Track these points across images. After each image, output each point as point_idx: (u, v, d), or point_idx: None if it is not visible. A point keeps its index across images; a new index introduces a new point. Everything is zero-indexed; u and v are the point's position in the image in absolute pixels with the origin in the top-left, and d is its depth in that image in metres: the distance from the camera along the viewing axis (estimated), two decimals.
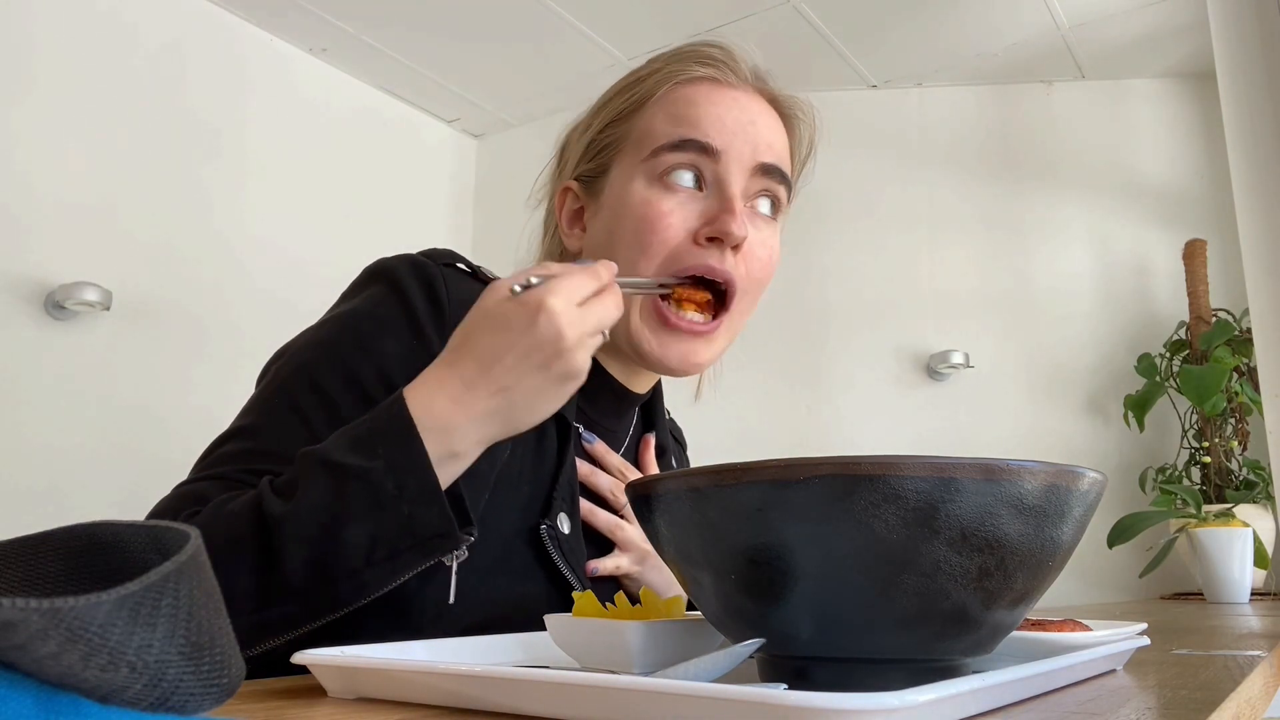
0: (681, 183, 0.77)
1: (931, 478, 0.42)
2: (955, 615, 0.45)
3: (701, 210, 0.77)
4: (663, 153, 0.77)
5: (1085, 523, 0.49)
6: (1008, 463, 0.43)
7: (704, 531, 0.48)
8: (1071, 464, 0.47)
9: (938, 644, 0.46)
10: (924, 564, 0.43)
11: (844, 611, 0.45)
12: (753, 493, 0.45)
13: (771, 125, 0.81)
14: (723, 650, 0.47)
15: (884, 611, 0.45)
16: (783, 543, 0.45)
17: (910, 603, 0.44)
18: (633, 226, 0.77)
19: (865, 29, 2.39)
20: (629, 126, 0.81)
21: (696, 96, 0.78)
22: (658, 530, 0.51)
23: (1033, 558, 0.46)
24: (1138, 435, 2.36)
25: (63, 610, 0.24)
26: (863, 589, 0.44)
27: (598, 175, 0.83)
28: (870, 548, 0.43)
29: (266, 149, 2.31)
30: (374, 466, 0.60)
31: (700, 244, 0.76)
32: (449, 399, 0.62)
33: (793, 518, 0.44)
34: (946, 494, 0.43)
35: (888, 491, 0.42)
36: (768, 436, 2.55)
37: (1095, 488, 0.48)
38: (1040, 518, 0.45)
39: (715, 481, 0.46)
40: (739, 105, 0.79)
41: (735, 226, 0.75)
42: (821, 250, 2.63)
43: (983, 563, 0.44)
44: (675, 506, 0.49)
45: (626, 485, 0.54)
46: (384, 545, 0.60)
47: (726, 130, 0.77)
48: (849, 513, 0.43)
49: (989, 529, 0.43)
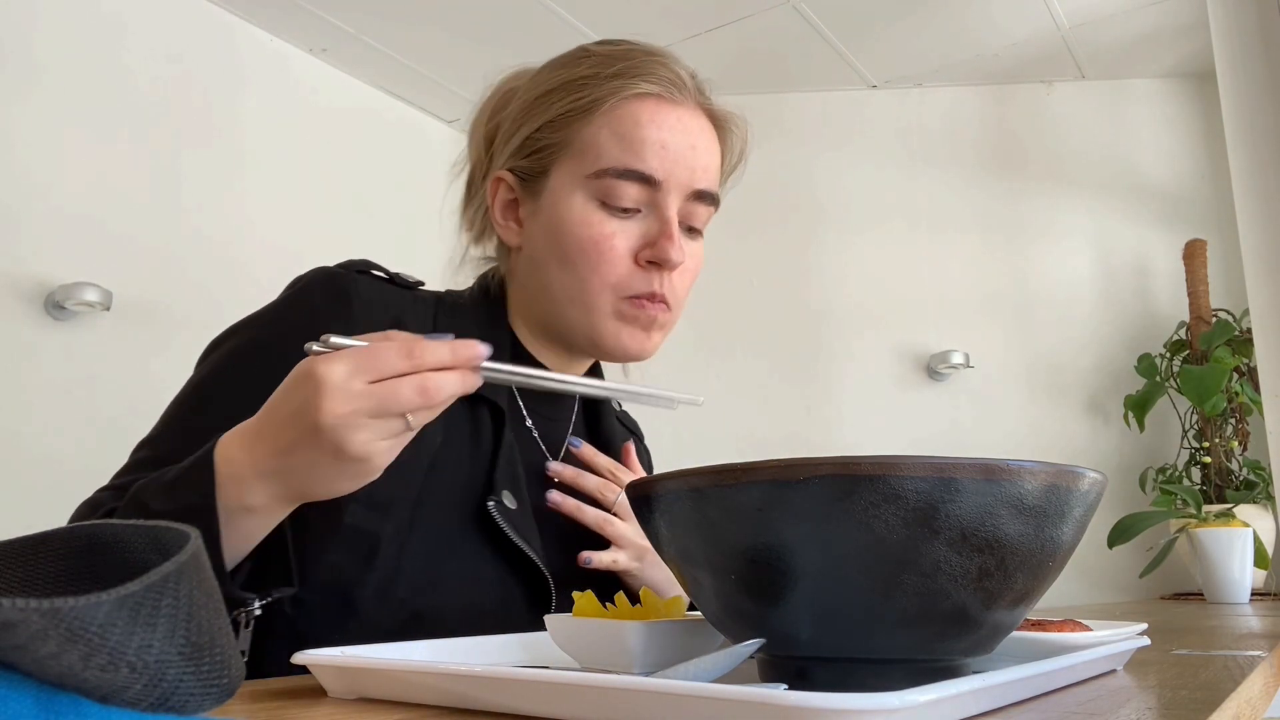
0: (623, 204, 0.81)
1: (931, 478, 0.42)
2: (955, 615, 0.45)
3: (642, 232, 0.82)
4: (608, 177, 0.80)
5: (1085, 523, 0.49)
6: (1008, 463, 0.43)
7: (704, 531, 0.48)
8: (1072, 464, 0.47)
9: (938, 644, 0.46)
10: (924, 564, 0.43)
11: (844, 612, 0.45)
12: (753, 493, 0.45)
13: (709, 146, 0.86)
14: (723, 650, 0.47)
15: (884, 612, 0.45)
16: (783, 543, 0.45)
17: (910, 603, 0.44)
18: (578, 245, 0.81)
19: (865, 29, 2.39)
20: (572, 133, 0.83)
21: (642, 116, 0.82)
22: (658, 530, 0.51)
23: (1033, 558, 0.46)
24: (1138, 435, 2.36)
25: (63, 610, 0.24)
26: (863, 589, 0.44)
27: (536, 175, 0.85)
28: (870, 548, 0.43)
29: (266, 149, 2.31)
30: (167, 510, 0.61)
31: (641, 265, 0.82)
32: (241, 448, 0.62)
33: (793, 518, 0.44)
34: (946, 494, 0.43)
35: (887, 491, 0.42)
36: (768, 437, 2.55)
37: (1095, 488, 0.48)
38: (1040, 518, 0.45)
39: (716, 481, 0.46)
40: (682, 126, 0.83)
41: (674, 253, 0.81)
42: (821, 251, 2.63)
43: (983, 563, 0.44)
44: (675, 506, 0.49)
45: (627, 486, 0.54)
46: None
47: (669, 158, 0.81)
48: (849, 513, 0.43)
49: (989, 529, 0.43)
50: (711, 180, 0.86)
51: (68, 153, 1.96)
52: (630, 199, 0.81)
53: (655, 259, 0.81)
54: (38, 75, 1.93)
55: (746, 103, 2.57)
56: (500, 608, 0.78)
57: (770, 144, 2.68)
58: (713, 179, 0.86)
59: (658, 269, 0.82)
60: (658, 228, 0.82)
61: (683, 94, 0.85)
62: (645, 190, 0.81)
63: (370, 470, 0.61)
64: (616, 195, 0.81)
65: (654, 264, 0.82)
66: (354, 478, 0.61)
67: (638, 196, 0.81)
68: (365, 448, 0.58)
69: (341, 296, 0.79)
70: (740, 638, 0.49)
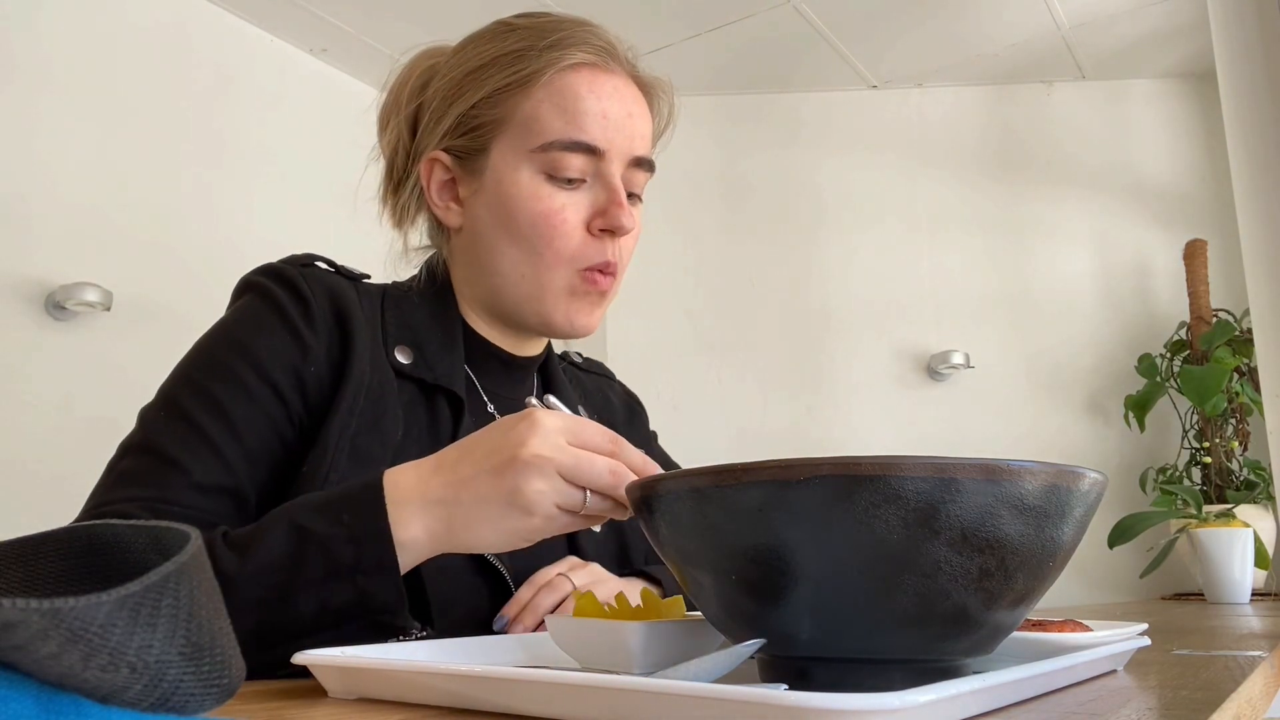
0: (569, 175, 0.81)
1: (932, 478, 0.42)
2: (956, 616, 0.45)
3: (590, 202, 0.83)
4: (554, 150, 0.80)
5: (1085, 523, 0.49)
6: (1009, 463, 0.43)
7: (704, 532, 0.48)
8: (1072, 464, 0.47)
9: (939, 644, 0.46)
10: (924, 564, 0.43)
11: (844, 612, 0.45)
12: (753, 493, 0.45)
13: (642, 114, 0.86)
14: (723, 650, 0.47)
15: (885, 612, 0.45)
16: (783, 543, 0.45)
17: (911, 603, 0.44)
18: (528, 220, 0.81)
19: (865, 29, 2.39)
20: (510, 108, 0.82)
21: (580, 87, 0.82)
22: (658, 530, 0.51)
23: (1033, 558, 0.46)
24: (1138, 435, 2.36)
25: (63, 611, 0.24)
26: (863, 589, 0.44)
27: (474, 153, 0.84)
28: (871, 548, 0.43)
29: (266, 149, 2.31)
30: (334, 533, 0.61)
31: (594, 235, 0.82)
32: (416, 477, 0.63)
33: (793, 518, 0.44)
34: (947, 494, 0.43)
35: (888, 492, 0.42)
36: (769, 437, 2.55)
37: (1096, 488, 0.48)
38: (1041, 518, 0.45)
39: (716, 482, 0.46)
40: (619, 96, 0.84)
41: (626, 219, 0.82)
42: (822, 251, 2.63)
43: (983, 563, 0.44)
44: (676, 507, 0.49)
45: (628, 486, 0.54)
46: (331, 614, 0.61)
47: (610, 127, 0.82)
48: (849, 513, 0.43)
49: (989, 529, 0.43)
50: (647, 146, 0.87)
51: (68, 153, 1.96)
52: (576, 170, 0.81)
53: (608, 226, 0.82)
54: (37, 76, 1.93)
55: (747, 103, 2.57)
56: (468, 597, 0.78)
57: (770, 144, 2.69)
58: (649, 145, 0.87)
59: (610, 236, 0.83)
60: (606, 196, 0.82)
61: (615, 62, 0.85)
62: (590, 161, 0.82)
63: (527, 530, 0.62)
64: (562, 167, 0.81)
65: (606, 232, 0.82)
66: (509, 532, 0.62)
67: (583, 167, 0.82)
68: (538, 499, 0.60)
69: (292, 289, 0.79)
70: (740, 638, 0.49)
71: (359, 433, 0.76)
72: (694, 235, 2.67)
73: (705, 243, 2.66)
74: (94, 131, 2.01)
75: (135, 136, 2.07)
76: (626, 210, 0.82)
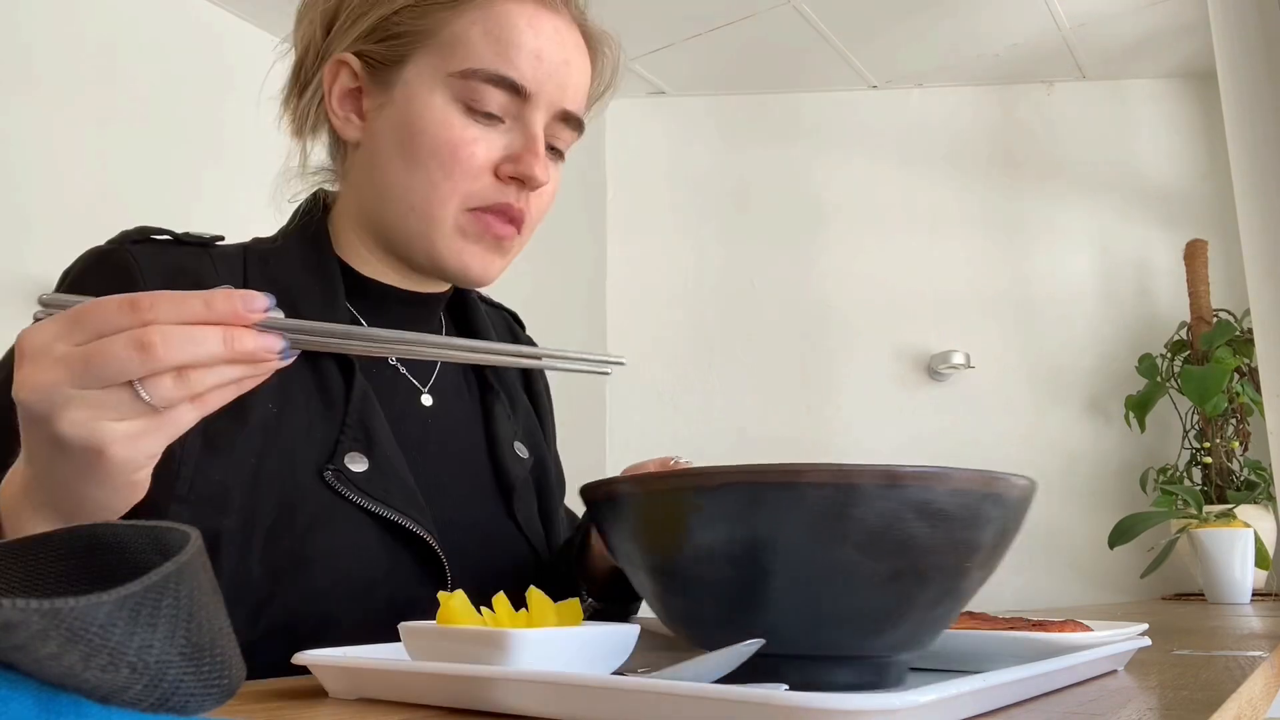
0: (487, 109, 0.74)
1: (834, 484, 0.44)
2: (873, 614, 0.47)
3: (505, 144, 0.75)
4: (475, 80, 0.73)
5: (1010, 525, 0.50)
6: (912, 469, 0.45)
7: (636, 536, 0.51)
8: (991, 470, 0.48)
9: (863, 641, 0.48)
10: (835, 567, 0.45)
11: (765, 611, 0.47)
12: (673, 500, 0.47)
13: (581, 66, 0.79)
14: (723, 650, 0.47)
15: (803, 611, 0.47)
16: (705, 546, 0.47)
17: (827, 603, 0.46)
18: (431, 146, 0.73)
19: (865, 29, 2.39)
20: (437, 23, 0.74)
21: (519, 19, 0.74)
22: (605, 534, 0.54)
23: (948, 560, 0.47)
24: (1139, 436, 2.36)
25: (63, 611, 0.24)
26: (780, 591, 0.46)
27: (388, 63, 0.76)
28: (785, 552, 0.46)
29: (266, 149, 2.31)
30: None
31: (501, 179, 0.75)
32: (19, 479, 0.51)
33: (710, 523, 0.47)
34: (849, 500, 0.44)
35: (795, 498, 0.44)
36: (769, 437, 2.55)
37: (1015, 492, 0.49)
38: (950, 521, 0.46)
39: (643, 488, 0.49)
40: (558, 38, 0.76)
41: (539, 170, 0.75)
42: (822, 251, 2.63)
43: (895, 565, 0.46)
44: (611, 512, 0.51)
45: (584, 488, 0.55)
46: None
47: (543, 70, 0.75)
48: (760, 519, 0.45)
49: (896, 533, 0.45)
50: (580, 102, 0.79)
51: (67, 153, 1.96)
52: (496, 105, 0.74)
53: (518, 175, 0.75)
54: (37, 76, 1.93)
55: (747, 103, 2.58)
56: (387, 580, 0.70)
57: (770, 144, 2.69)
58: (581, 101, 0.79)
59: (518, 185, 0.75)
60: (522, 142, 0.75)
61: (563, 2, 0.78)
62: (513, 100, 0.74)
63: (116, 468, 0.46)
64: (482, 99, 0.73)
65: (515, 180, 0.75)
66: (104, 483, 0.47)
67: (504, 105, 0.74)
68: (83, 431, 0.45)
69: (121, 274, 0.69)
70: (684, 637, 0.51)
71: (214, 419, 0.54)
72: (694, 235, 2.67)
73: (705, 243, 2.66)
74: (93, 131, 2.01)
75: (135, 136, 2.07)
76: (541, 161, 0.75)
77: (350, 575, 0.69)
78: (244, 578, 0.66)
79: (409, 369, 0.82)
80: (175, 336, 0.45)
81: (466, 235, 0.76)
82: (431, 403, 0.82)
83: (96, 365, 0.44)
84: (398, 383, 0.80)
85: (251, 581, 0.66)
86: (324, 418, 0.72)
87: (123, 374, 0.45)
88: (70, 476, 0.47)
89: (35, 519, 0.49)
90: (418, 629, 0.51)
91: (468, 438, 0.84)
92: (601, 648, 0.50)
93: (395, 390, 0.80)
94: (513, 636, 0.45)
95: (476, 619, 0.51)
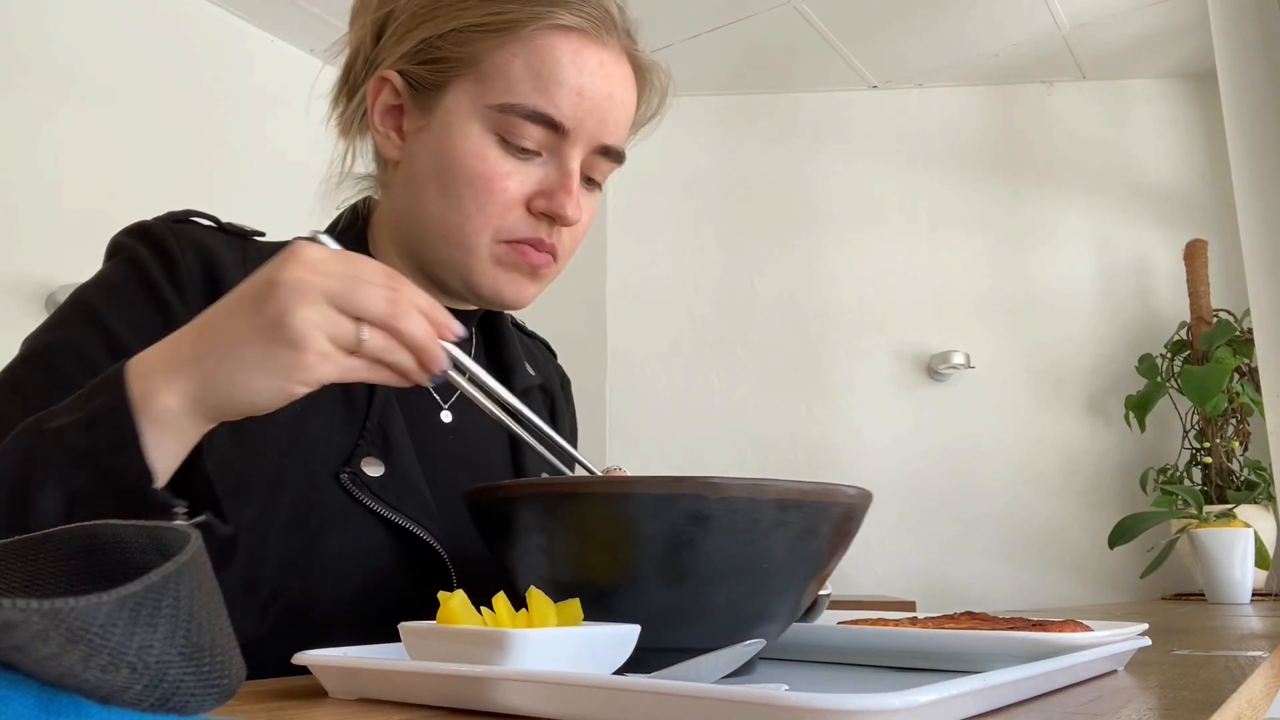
0: (523, 144, 0.74)
1: (613, 494, 0.53)
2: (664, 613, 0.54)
3: (539, 178, 0.75)
4: (513, 114, 0.73)
5: (807, 531, 0.54)
6: (692, 479, 0.51)
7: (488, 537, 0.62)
8: (773, 479, 0.53)
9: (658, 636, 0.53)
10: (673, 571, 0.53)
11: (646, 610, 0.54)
12: (504, 506, 0.58)
13: (626, 98, 0.78)
14: (723, 650, 0.47)
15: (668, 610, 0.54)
16: (531, 545, 0.57)
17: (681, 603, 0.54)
18: (466, 178, 0.74)
19: (865, 29, 2.39)
20: (479, 52, 0.74)
21: (563, 54, 0.74)
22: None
23: (734, 564, 0.53)
24: (1139, 436, 2.36)
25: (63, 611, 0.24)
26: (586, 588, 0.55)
27: (430, 88, 0.76)
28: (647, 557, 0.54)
29: (267, 149, 2.31)
30: (71, 421, 0.54)
31: (532, 213, 0.75)
32: (170, 342, 0.56)
33: (526, 527, 0.56)
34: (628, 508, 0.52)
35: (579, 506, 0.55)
36: (769, 437, 2.55)
37: (800, 498, 0.53)
38: (730, 530, 0.52)
39: (481, 497, 0.62)
40: (603, 73, 0.75)
41: (571, 210, 0.75)
42: (822, 251, 2.63)
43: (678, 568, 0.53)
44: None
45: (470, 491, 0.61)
46: (83, 508, 0.53)
47: (583, 106, 0.74)
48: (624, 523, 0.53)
49: (687, 538, 0.52)
50: (621, 135, 0.79)
51: (68, 153, 1.96)
52: (532, 140, 0.73)
53: (549, 212, 0.74)
54: (38, 76, 1.93)
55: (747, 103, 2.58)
56: (394, 586, 0.71)
57: (770, 144, 2.69)
58: (622, 134, 0.79)
59: (549, 221, 0.75)
60: (556, 179, 0.75)
61: (609, 34, 0.77)
62: (551, 135, 0.74)
63: (300, 369, 0.53)
64: (519, 133, 0.73)
65: (546, 215, 0.75)
66: (279, 373, 0.53)
67: (541, 139, 0.74)
68: (305, 328, 0.52)
69: (163, 248, 0.72)
70: None
71: None
72: (694, 235, 2.67)
73: (705, 243, 2.67)
74: (94, 131, 2.01)
75: (135, 136, 2.07)
76: (574, 200, 0.75)
77: (357, 578, 0.70)
78: (257, 571, 0.67)
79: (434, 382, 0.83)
80: (411, 310, 0.56)
81: (502, 264, 0.76)
82: (451, 419, 0.83)
83: (355, 293, 0.54)
84: (419, 397, 0.81)
85: (264, 575, 0.67)
86: (345, 421, 0.73)
87: (367, 311, 0.54)
88: (251, 361, 0.53)
89: (172, 382, 0.54)
90: (418, 629, 0.51)
91: (488, 459, 0.85)
92: (601, 648, 0.50)
93: (415, 404, 0.80)
94: (513, 636, 0.45)
95: (476, 619, 0.51)
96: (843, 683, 0.56)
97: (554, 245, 0.77)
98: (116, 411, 0.53)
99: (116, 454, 0.53)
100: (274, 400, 0.55)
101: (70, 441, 0.54)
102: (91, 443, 0.53)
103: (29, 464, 0.54)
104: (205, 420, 0.56)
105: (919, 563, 2.45)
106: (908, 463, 2.50)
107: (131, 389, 0.54)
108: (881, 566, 2.46)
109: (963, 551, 2.43)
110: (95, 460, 0.53)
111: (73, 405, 0.56)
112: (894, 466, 2.50)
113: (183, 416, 0.55)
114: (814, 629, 0.66)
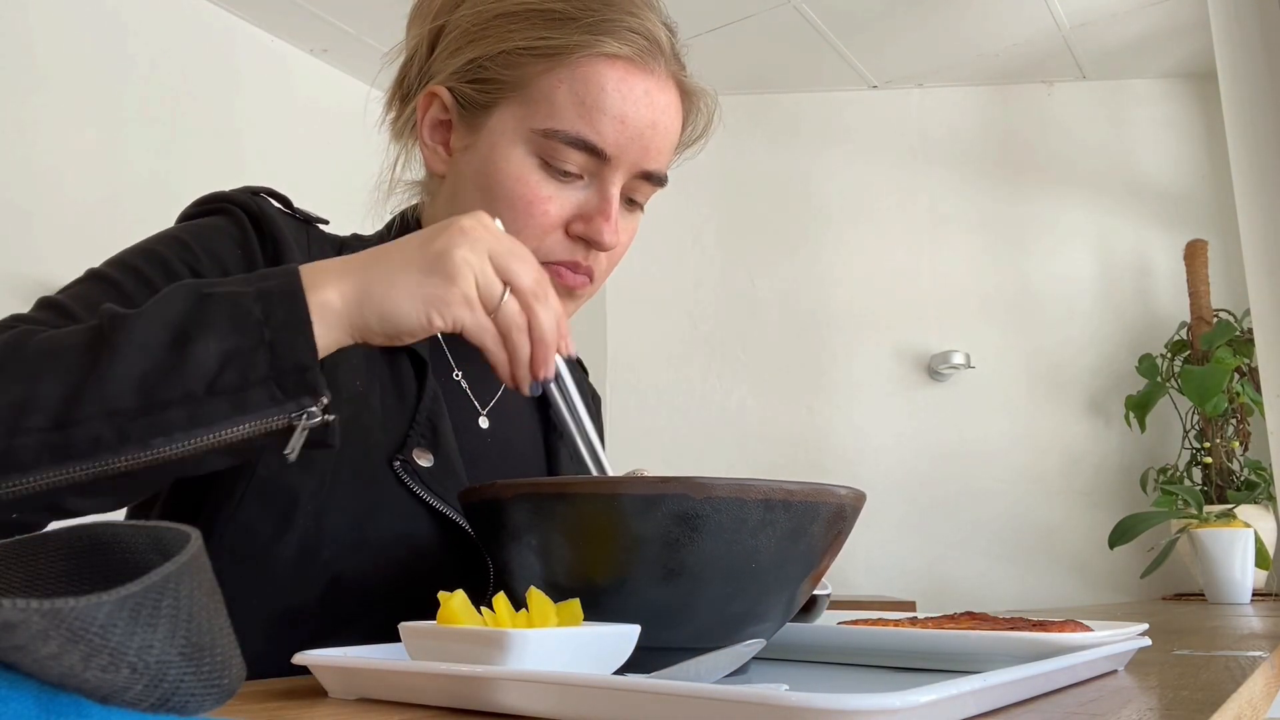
0: (565, 169, 0.75)
1: (602, 495, 0.53)
2: (658, 610, 0.54)
3: (579, 202, 0.77)
4: (557, 139, 0.74)
5: (792, 531, 0.54)
6: (677, 479, 0.52)
7: (483, 533, 0.62)
8: (758, 478, 0.53)
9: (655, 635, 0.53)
10: (667, 569, 0.53)
11: (644, 610, 0.54)
12: (494, 506, 0.58)
13: (670, 125, 0.79)
14: (723, 650, 0.47)
15: (659, 608, 0.55)
16: (520, 545, 0.57)
17: (671, 601, 0.54)
18: (508, 199, 0.75)
19: (865, 29, 2.39)
20: (526, 76, 0.75)
21: (608, 82, 0.74)
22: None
23: (722, 564, 0.53)
24: (1139, 436, 2.36)
25: (63, 611, 0.24)
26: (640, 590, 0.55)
27: (478, 107, 0.77)
28: (642, 558, 0.54)
29: (266, 149, 2.31)
30: (244, 291, 0.56)
31: (570, 236, 0.77)
32: (337, 260, 0.60)
33: (516, 528, 0.56)
34: (615, 510, 0.52)
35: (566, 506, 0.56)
36: (769, 437, 2.55)
37: (786, 498, 0.53)
38: (716, 530, 0.52)
39: (473, 497, 0.62)
40: (648, 101, 0.76)
41: (608, 236, 0.76)
42: (822, 251, 2.63)
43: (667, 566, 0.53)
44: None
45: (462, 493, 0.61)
46: (235, 369, 0.53)
47: (626, 134, 0.75)
48: (618, 526, 0.53)
49: (674, 538, 0.52)
50: (663, 161, 0.80)
51: (69, 153, 1.96)
52: (575, 165, 0.75)
53: (587, 237, 0.76)
54: (39, 76, 1.94)
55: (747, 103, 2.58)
56: (433, 574, 0.72)
57: (771, 144, 2.69)
58: (665, 160, 0.80)
59: (585, 245, 0.77)
60: (596, 204, 0.76)
61: (656, 61, 0.77)
62: (592, 160, 0.75)
63: (443, 300, 0.58)
64: (561, 158, 0.74)
65: (583, 239, 0.77)
66: (425, 299, 0.58)
67: (583, 164, 0.75)
68: (461, 266, 0.58)
69: (249, 210, 0.74)
70: None
71: None
72: (694, 235, 2.67)
73: (706, 243, 2.67)
74: (94, 131, 2.01)
75: (135, 136, 2.07)
76: (612, 226, 0.76)
77: (399, 564, 0.71)
78: (313, 540, 0.69)
79: (473, 390, 0.84)
80: (550, 299, 0.62)
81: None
82: (488, 425, 0.84)
83: (513, 260, 0.60)
84: (459, 399, 0.82)
85: (318, 545, 0.69)
86: (396, 410, 0.75)
87: (517, 278, 0.60)
88: (406, 284, 0.59)
89: (337, 281, 0.58)
90: (417, 629, 0.51)
91: (524, 465, 0.86)
92: (601, 648, 0.50)
93: (456, 406, 0.81)
94: (513, 636, 0.45)
95: (476, 619, 0.51)
96: (842, 683, 0.56)
97: (590, 268, 0.79)
98: (291, 294, 0.56)
99: (286, 332, 0.55)
100: (414, 326, 0.59)
101: (242, 307, 0.55)
102: (265, 313, 0.55)
103: (194, 311, 0.55)
104: (351, 332, 0.59)
105: (919, 563, 2.45)
106: (908, 463, 2.50)
107: (304, 278, 0.57)
108: (881, 567, 2.46)
109: (963, 551, 2.43)
110: (264, 331, 0.55)
111: (239, 281, 0.57)
112: (894, 466, 2.50)
113: (338, 318, 0.58)
114: (814, 629, 0.67)
